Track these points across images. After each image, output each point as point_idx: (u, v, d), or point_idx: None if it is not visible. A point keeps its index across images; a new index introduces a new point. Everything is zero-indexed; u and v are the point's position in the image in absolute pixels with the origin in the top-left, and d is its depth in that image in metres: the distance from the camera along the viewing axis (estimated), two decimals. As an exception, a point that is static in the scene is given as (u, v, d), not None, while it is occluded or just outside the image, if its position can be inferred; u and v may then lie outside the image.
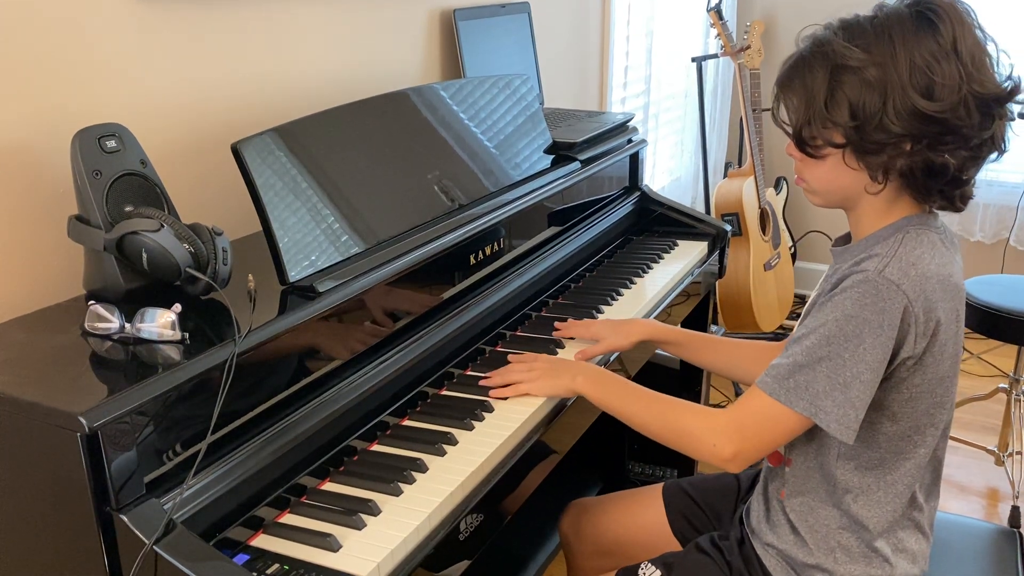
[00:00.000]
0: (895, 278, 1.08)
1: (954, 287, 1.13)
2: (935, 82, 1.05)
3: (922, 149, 1.08)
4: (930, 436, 1.19)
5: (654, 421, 1.25)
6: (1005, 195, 3.65)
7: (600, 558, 1.56)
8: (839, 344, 1.09)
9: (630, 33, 3.05)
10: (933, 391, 1.15)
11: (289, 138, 1.30)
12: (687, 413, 1.23)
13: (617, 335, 1.54)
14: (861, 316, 1.08)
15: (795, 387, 1.12)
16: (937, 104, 1.05)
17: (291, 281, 1.23)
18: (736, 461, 1.17)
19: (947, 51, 1.05)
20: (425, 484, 1.17)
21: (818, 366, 1.11)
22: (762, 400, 1.15)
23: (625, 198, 2.16)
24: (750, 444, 1.16)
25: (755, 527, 1.32)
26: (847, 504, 1.21)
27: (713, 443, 1.17)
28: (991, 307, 2.50)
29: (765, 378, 1.15)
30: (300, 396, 1.19)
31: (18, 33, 1.22)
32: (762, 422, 1.15)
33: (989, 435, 2.90)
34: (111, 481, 0.94)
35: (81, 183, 1.16)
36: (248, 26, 1.56)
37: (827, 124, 1.11)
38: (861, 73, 1.07)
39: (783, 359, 1.14)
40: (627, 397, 1.30)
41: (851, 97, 1.08)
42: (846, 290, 1.10)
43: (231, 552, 1.04)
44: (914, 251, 1.11)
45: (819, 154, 1.14)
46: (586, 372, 1.36)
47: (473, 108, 1.70)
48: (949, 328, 1.13)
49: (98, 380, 1.03)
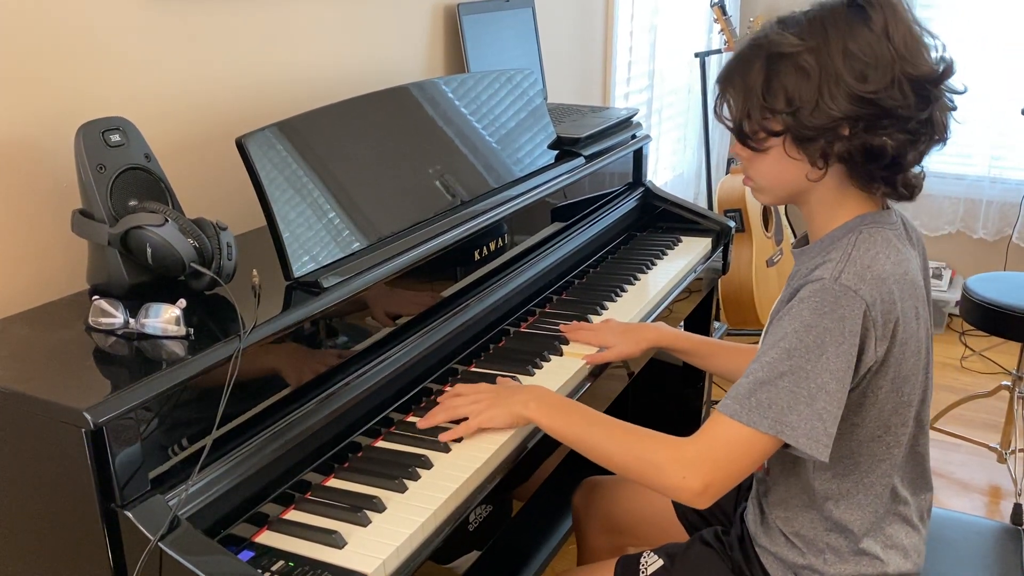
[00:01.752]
0: (851, 283, 1.07)
1: (911, 284, 1.12)
2: (867, 64, 1.06)
3: (859, 132, 1.07)
4: (902, 435, 1.18)
5: (617, 452, 1.17)
6: (1008, 192, 3.65)
7: (609, 535, 1.57)
8: (800, 356, 1.06)
9: (633, 28, 3.04)
10: (898, 390, 1.14)
11: (293, 133, 1.30)
12: (652, 443, 1.15)
13: (627, 342, 1.52)
14: (821, 325, 1.06)
15: (757, 406, 1.07)
16: (871, 85, 1.05)
17: (295, 276, 1.22)
18: (707, 494, 1.10)
19: (879, 36, 1.06)
20: (430, 481, 1.16)
21: (779, 381, 1.07)
22: (726, 424, 1.09)
23: (629, 194, 2.16)
24: (721, 473, 1.09)
25: (752, 530, 1.32)
26: (828, 509, 1.20)
27: (683, 476, 1.10)
28: (994, 304, 2.50)
29: (726, 400, 1.10)
30: (305, 392, 1.19)
31: (22, 28, 1.22)
32: (730, 448, 1.09)
33: (991, 432, 2.90)
34: (116, 477, 0.93)
35: (85, 177, 1.15)
36: (252, 20, 1.55)
37: (765, 114, 1.11)
38: (795, 59, 1.08)
39: (744, 378, 1.10)
40: (586, 426, 1.21)
41: (787, 84, 1.08)
42: (803, 300, 1.08)
43: (236, 549, 1.04)
44: (868, 252, 1.10)
45: (761, 147, 1.14)
46: (539, 398, 1.25)
47: (476, 103, 1.69)
48: (909, 326, 1.12)
49: (102, 376, 1.03)
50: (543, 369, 1.47)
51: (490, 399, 1.27)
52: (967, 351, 3.50)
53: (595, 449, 1.19)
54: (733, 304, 3.18)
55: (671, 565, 1.33)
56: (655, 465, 1.13)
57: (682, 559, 1.33)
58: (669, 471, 1.11)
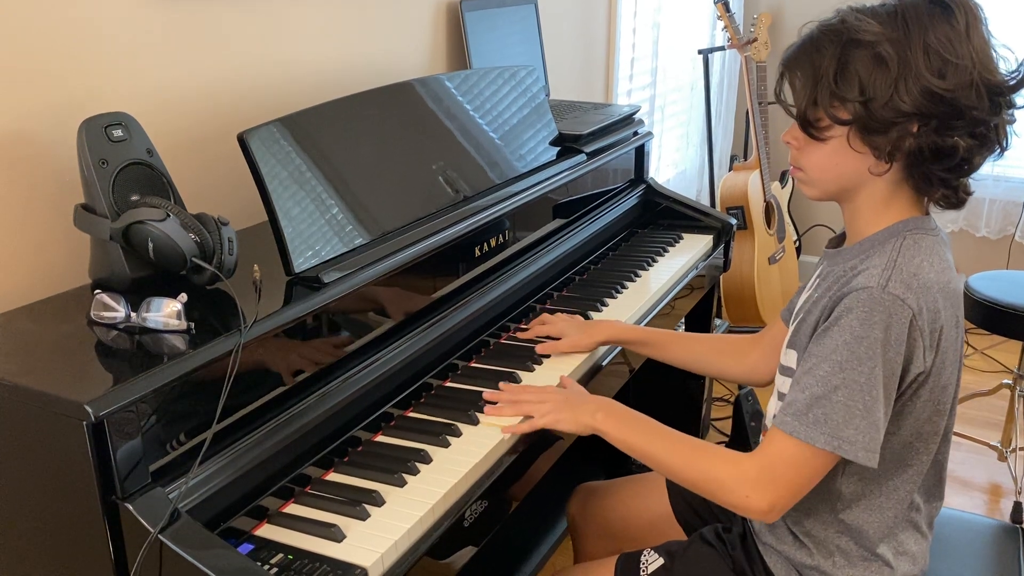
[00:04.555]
0: (899, 292, 1.06)
1: (953, 293, 1.12)
2: (948, 61, 1.04)
3: (930, 131, 1.06)
4: (932, 443, 1.17)
5: (681, 466, 1.18)
6: (1011, 191, 3.65)
7: (606, 540, 1.57)
8: (852, 369, 1.06)
9: (637, 25, 3.04)
10: (936, 399, 1.13)
11: (295, 128, 1.30)
12: (715, 459, 1.15)
13: (581, 333, 1.51)
14: (871, 336, 1.05)
15: (814, 422, 1.07)
16: (949, 83, 1.04)
17: (296, 272, 1.23)
18: (774, 512, 1.11)
19: (961, 36, 1.05)
20: (429, 475, 1.17)
21: (834, 395, 1.06)
22: (785, 442, 1.09)
23: (630, 191, 2.16)
24: (784, 491, 1.10)
25: (756, 527, 1.31)
26: (845, 512, 1.19)
27: (746, 495, 1.11)
28: (996, 303, 2.50)
29: (784, 417, 1.10)
30: (305, 386, 1.19)
31: (25, 23, 1.22)
32: (791, 465, 1.09)
33: (992, 431, 2.90)
34: (116, 470, 0.94)
35: (87, 172, 1.16)
36: (255, 16, 1.56)
37: (835, 101, 1.08)
38: (874, 48, 1.05)
39: (799, 393, 1.09)
40: (651, 437, 1.22)
41: (862, 72, 1.06)
42: (851, 310, 1.07)
43: (235, 541, 1.04)
44: (913, 260, 1.09)
45: (823, 135, 1.11)
46: (607, 408, 1.27)
47: (479, 99, 1.69)
48: (950, 334, 1.12)
49: (104, 369, 1.03)
50: (543, 365, 1.47)
51: (558, 403, 1.28)
52: (969, 349, 3.50)
53: (660, 462, 1.20)
54: (735, 301, 3.19)
55: (671, 563, 1.32)
56: (719, 482, 1.14)
57: (682, 557, 1.33)
58: (733, 488, 1.12)
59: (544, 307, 1.70)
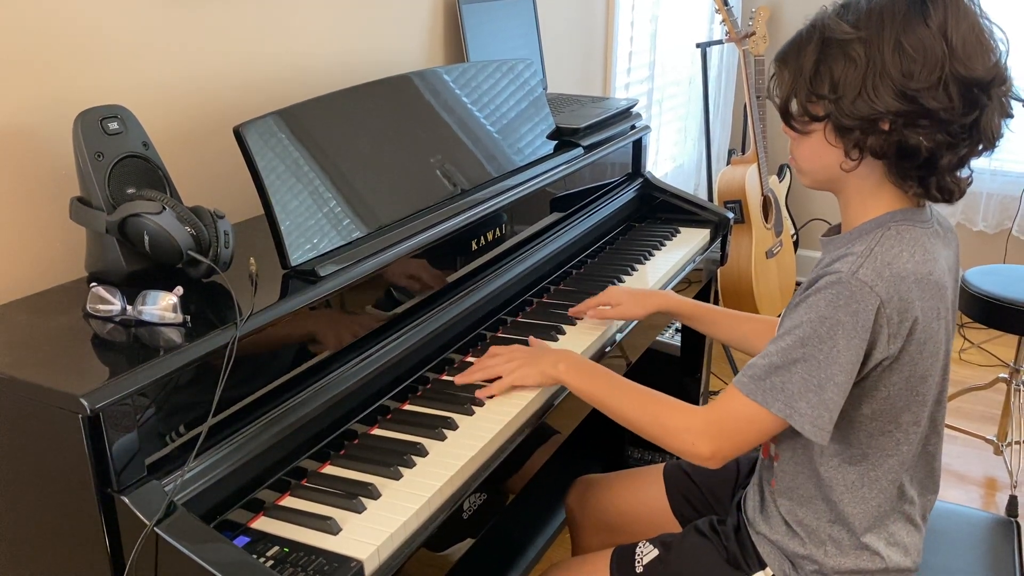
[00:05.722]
0: (868, 279, 1.08)
1: (934, 284, 1.11)
2: (915, 60, 1.05)
3: (897, 129, 1.07)
4: (912, 433, 1.18)
5: (636, 415, 1.25)
6: (1008, 185, 3.64)
7: (603, 533, 1.58)
8: (813, 346, 1.09)
9: (635, 18, 3.04)
10: (914, 389, 1.14)
11: (291, 121, 1.30)
12: (668, 409, 1.23)
13: (634, 303, 1.58)
14: (835, 318, 1.08)
15: (771, 388, 1.12)
16: (915, 83, 1.05)
17: (293, 265, 1.23)
18: (714, 460, 1.18)
19: (934, 33, 1.05)
20: (425, 468, 1.17)
21: (793, 367, 1.11)
22: (739, 400, 1.15)
23: (628, 185, 2.16)
24: (728, 443, 1.17)
25: (751, 517, 1.32)
26: (834, 500, 1.21)
27: (692, 441, 1.18)
28: (992, 297, 2.50)
29: (742, 378, 1.15)
30: (301, 379, 1.19)
31: (21, 15, 1.22)
32: (739, 421, 1.15)
33: (988, 424, 2.90)
34: (112, 463, 0.94)
35: (83, 165, 1.16)
36: (252, 9, 1.55)
37: (811, 97, 1.11)
38: (845, 47, 1.08)
39: (760, 359, 1.14)
40: (611, 388, 1.29)
41: (834, 70, 1.08)
42: (820, 291, 1.10)
43: (232, 534, 1.04)
44: (891, 250, 1.10)
45: (804, 129, 1.15)
46: (568, 360, 1.34)
47: (476, 93, 1.69)
48: (929, 326, 1.12)
49: (100, 362, 1.03)
50: (540, 359, 1.47)
51: (523, 359, 1.35)
52: (965, 343, 3.51)
53: (616, 410, 1.28)
54: (732, 295, 3.19)
55: (666, 554, 1.33)
56: (668, 429, 1.21)
57: (677, 548, 1.34)
58: (681, 436, 1.19)
59: (541, 301, 1.71)
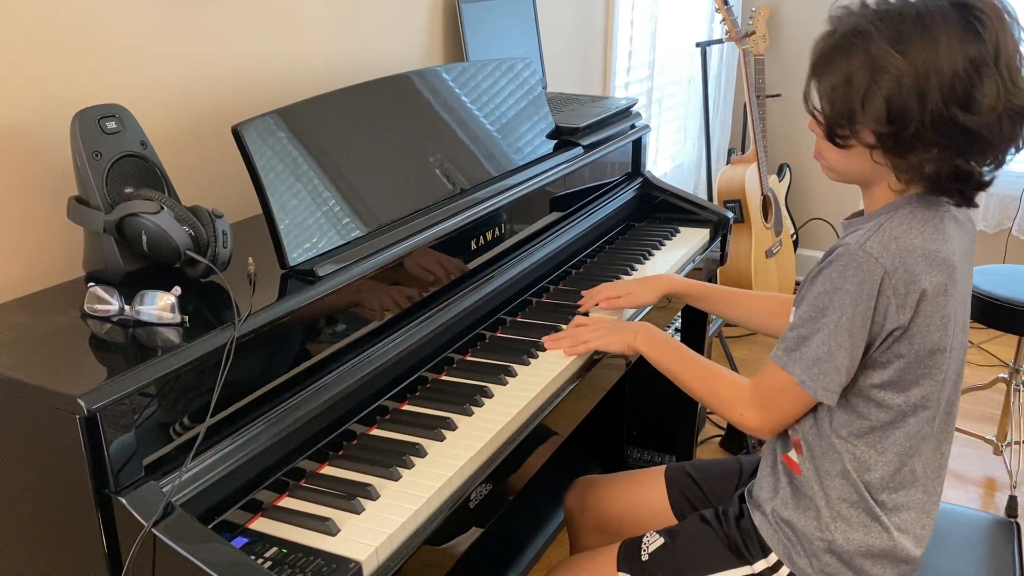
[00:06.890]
0: (874, 251, 1.12)
1: (942, 262, 1.13)
2: (974, 97, 1.05)
3: (951, 156, 1.09)
4: (922, 410, 1.19)
5: (696, 385, 1.36)
6: (1008, 185, 3.64)
7: (602, 534, 1.59)
8: (827, 316, 1.15)
9: (634, 17, 3.03)
10: (922, 362, 1.16)
11: (290, 120, 1.30)
12: (722, 382, 1.33)
13: (644, 289, 1.65)
14: (844, 288, 1.13)
15: (800, 358, 1.18)
16: (975, 119, 1.06)
17: (291, 265, 1.22)
18: (764, 430, 1.27)
19: (989, 62, 1.05)
20: (424, 469, 1.17)
21: (813, 337, 1.16)
22: (775, 372, 1.21)
23: (627, 184, 2.16)
24: (771, 416, 1.25)
25: (759, 495, 1.34)
26: (848, 471, 1.23)
27: (741, 412, 1.28)
28: (992, 297, 2.50)
29: (777, 351, 1.22)
30: (300, 380, 1.19)
31: (18, 14, 1.21)
32: (776, 391, 1.23)
33: (988, 424, 2.90)
34: (110, 463, 0.94)
35: (81, 164, 1.15)
36: (250, 8, 1.55)
37: (862, 123, 1.11)
38: (900, 81, 1.07)
39: (790, 331, 1.20)
40: (678, 359, 1.41)
41: (888, 101, 1.08)
42: (832, 263, 1.15)
43: (229, 535, 1.04)
44: (900, 226, 1.14)
45: (846, 144, 1.16)
46: (646, 331, 1.46)
47: (475, 92, 1.69)
48: (937, 300, 1.14)
49: (97, 362, 1.03)
50: (538, 359, 1.47)
51: (608, 328, 1.49)
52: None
53: (682, 381, 1.40)
54: (732, 295, 3.18)
55: (672, 542, 1.36)
56: (722, 401, 1.32)
57: (683, 536, 1.37)
58: (732, 407, 1.30)
59: (541, 300, 1.70)
